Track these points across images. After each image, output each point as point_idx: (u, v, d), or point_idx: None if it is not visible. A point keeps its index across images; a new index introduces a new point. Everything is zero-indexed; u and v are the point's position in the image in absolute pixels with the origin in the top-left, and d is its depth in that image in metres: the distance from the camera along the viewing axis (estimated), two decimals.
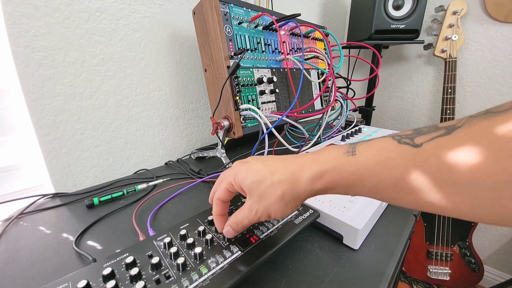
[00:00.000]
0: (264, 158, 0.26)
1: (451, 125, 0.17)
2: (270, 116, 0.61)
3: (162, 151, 0.72)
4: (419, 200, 0.18)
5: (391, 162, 0.19)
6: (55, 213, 0.44)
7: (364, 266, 0.30)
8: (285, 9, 1.01)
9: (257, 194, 0.24)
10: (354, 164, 0.21)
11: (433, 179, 0.17)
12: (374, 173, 0.20)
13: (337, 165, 0.21)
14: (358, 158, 0.21)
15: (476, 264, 1.17)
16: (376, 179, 0.20)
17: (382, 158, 0.19)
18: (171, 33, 0.67)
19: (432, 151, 0.17)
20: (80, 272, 0.23)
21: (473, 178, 0.15)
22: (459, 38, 1.11)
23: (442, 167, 0.16)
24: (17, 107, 0.49)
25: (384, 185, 0.19)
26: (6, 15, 0.42)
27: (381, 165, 0.19)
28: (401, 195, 0.19)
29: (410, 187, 0.18)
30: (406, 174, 0.18)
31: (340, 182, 0.21)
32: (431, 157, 0.17)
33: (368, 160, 0.20)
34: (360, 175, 0.20)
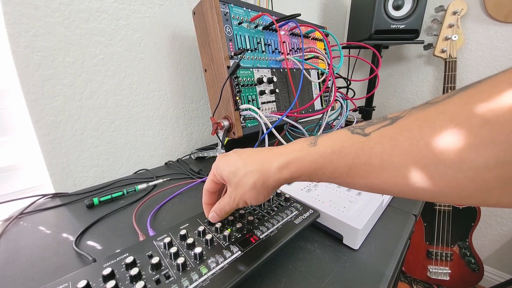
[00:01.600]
0: (241, 151, 0.29)
1: (396, 116, 0.19)
2: (270, 116, 0.61)
3: (162, 151, 0.71)
4: (369, 183, 0.20)
5: (344, 150, 0.21)
6: (55, 213, 0.44)
7: (364, 266, 0.30)
8: (285, 9, 1.01)
9: (234, 183, 0.27)
10: (314, 154, 0.23)
11: (378, 164, 0.19)
12: (331, 161, 0.22)
13: (300, 155, 0.24)
14: (318, 148, 0.23)
15: (476, 264, 1.17)
16: (333, 167, 0.22)
17: (337, 147, 0.22)
18: (171, 33, 0.67)
19: (378, 139, 0.19)
20: (80, 272, 0.23)
21: (408, 162, 0.17)
22: (459, 38, 1.11)
23: (385, 153, 0.19)
24: (17, 107, 0.49)
25: (339, 171, 0.22)
26: (6, 15, 0.42)
27: (336, 153, 0.21)
28: (354, 179, 0.21)
29: (361, 172, 0.20)
30: (357, 160, 0.20)
31: (303, 170, 0.24)
32: (377, 144, 0.19)
33: (325, 150, 0.22)
34: (319, 164, 0.23)
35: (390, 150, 0.18)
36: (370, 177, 0.20)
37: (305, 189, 0.41)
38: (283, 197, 0.37)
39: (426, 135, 0.16)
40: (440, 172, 0.16)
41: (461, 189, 0.16)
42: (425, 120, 0.17)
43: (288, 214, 0.33)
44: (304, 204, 0.36)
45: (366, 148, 0.20)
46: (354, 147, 0.20)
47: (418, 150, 0.17)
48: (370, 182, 0.20)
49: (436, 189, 0.17)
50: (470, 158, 0.14)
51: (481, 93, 0.15)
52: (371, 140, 0.20)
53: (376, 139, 0.19)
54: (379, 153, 0.19)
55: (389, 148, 0.18)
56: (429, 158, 0.16)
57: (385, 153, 0.19)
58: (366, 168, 0.20)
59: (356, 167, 0.20)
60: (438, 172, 0.16)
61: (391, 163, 0.18)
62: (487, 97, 0.14)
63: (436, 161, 0.16)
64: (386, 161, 0.19)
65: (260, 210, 0.34)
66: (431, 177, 0.17)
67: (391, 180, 0.19)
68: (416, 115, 0.18)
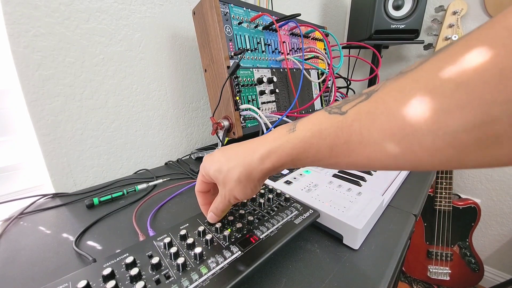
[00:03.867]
0: (225, 148, 0.29)
1: (371, 89, 0.19)
2: (270, 116, 0.61)
3: (162, 151, 0.72)
4: (353, 161, 0.20)
5: (324, 132, 0.21)
6: (55, 213, 0.44)
7: (364, 266, 0.30)
8: (285, 9, 1.01)
9: (221, 181, 0.27)
10: (294, 140, 0.23)
11: (358, 141, 0.19)
12: (312, 144, 0.22)
13: (281, 143, 0.24)
14: (297, 133, 0.23)
15: (476, 264, 1.17)
16: (315, 150, 0.22)
17: (316, 129, 0.21)
18: (171, 33, 0.67)
19: (355, 116, 0.19)
20: (80, 272, 0.23)
21: (387, 135, 0.17)
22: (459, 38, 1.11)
23: (363, 129, 0.18)
24: (17, 107, 0.49)
25: (322, 153, 0.21)
26: (6, 15, 0.42)
27: (316, 136, 0.21)
28: (337, 159, 0.21)
29: (343, 151, 0.20)
30: (337, 140, 0.20)
31: (286, 158, 0.23)
32: (355, 121, 0.19)
33: (305, 134, 0.22)
34: (301, 149, 0.22)
35: (369, 125, 0.18)
36: (352, 155, 0.20)
37: (305, 189, 0.41)
38: (283, 197, 0.37)
39: (402, 106, 0.16)
40: (419, 141, 0.16)
41: (441, 155, 0.16)
42: (399, 90, 0.17)
43: (288, 214, 0.33)
44: (304, 204, 0.36)
45: (345, 126, 0.20)
46: (333, 127, 0.20)
47: (396, 122, 0.17)
48: (354, 159, 0.20)
49: (417, 157, 0.17)
50: (447, 123, 0.14)
51: (453, 55, 0.14)
52: (348, 118, 0.19)
53: (353, 116, 0.19)
54: (358, 129, 0.19)
55: (368, 124, 0.18)
56: (407, 128, 0.16)
57: (364, 128, 0.18)
58: (348, 147, 0.20)
59: (337, 147, 0.20)
60: (417, 141, 0.16)
61: (371, 138, 0.18)
62: (459, 59, 0.14)
63: (413, 130, 0.16)
64: (366, 137, 0.18)
65: (260, 210, 0.34)
66: (410, 147, 0.16)
67: (373, 155, 0.19)
68: (390, 86, 0.18)
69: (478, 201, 1.26)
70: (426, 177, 0.55)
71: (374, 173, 0.50)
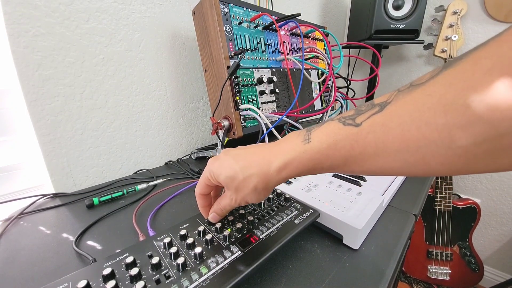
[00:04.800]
0: (234, 153, 0.29)
1: (384, 101, 0.20)
2: (270, 116, 0.61)
3: (162, 151, 0.71)
4: (366, 170, 0.22)
5: (339, 144, 0.22)
6: (55, 213, 0.44)
7: (364, 266, 0.30)
8: (285, 9, 1.01)
9: (233, 187, 0.27)
10: (310, 151, 0.24)
11: (373, 152, 0.20)
12: (327, 156, 0.23)
13: (297, 155, 0.24)
14: (313, 144, 0.24)
15: (476, 264, 1.17)
16: (330, 160, 0.23)
17: (331, 141, 0.22)
18: (171, 33, 0.67)
19: (370, 128, 0.20)
20: (80, 272, 0.23)
21: (402, 147, 0.18)
22: (459, 38, 1.11)
23: (378, 141, 0.19)
24: (17, 107, 0.49)
25: (336, 163, 0.23)
26: (6, 15, 0.42)
27: (332, 148, 0.22)
28: (351, 168, 0.22)
29: (357, 161, 0.21)
30: (352, 152, 0.21)
31: (302, 168, 0.25)
32: (370, 134, 0.20)
33: (320, 145, 0.23)
34: (317, 160, 0.23)
35: (383, 137, 0.19)
36: (366, 165, 0.21)
37: (305, 189, 0.41)
38: (283, 197, 0.37)
39: (417, 120, 0.17)
40: (433, 153, 0.17)
41: (452, 165, 0.17)
42: (413, 104, 0.18)
43: (288, 214, 0.33)
44: (304, 204, 0.36)
45: (360, 139, 0.20)
46: (348, 139, 0.21)
47: (410, 135, 0.17)
48: (367, 168, 0.21)
49: (429, 167, 0.18)
50: (459, 137, 0.15)
51: (463, 72, 0.15)
52: (363, 130, 0.20)
53: (368, 128, 0.20)
54: (373, 142, 0.20)
55: (382, 136, 0.19)
56: (421, 140, 0.17)
57: (379, 141, 0.19)
58: (362, 157, 0.21)
59: (352, 158, 0.21)
60: (430, 153, 0.17)
61: (385, 150, 0.19)
62: (469, 77, 0.15)
63: (427, 143, 0.17)
64: (380, 148, 0.19)
65: (260, 210, 0.34)
66: (423, 158, 0.18)
67: (387, 165, 0.20)
68: (403, 99, 0.19)
69: (478, 201, 1.26)
70: (426, 177, 0.55)
71: None
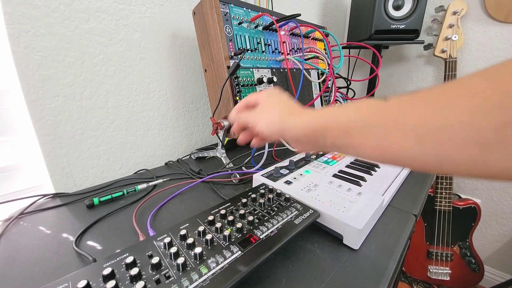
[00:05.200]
0: (284, 112, 0.30)
1: (417, 91, 0.21)
2: None
3: (162, 151, 0.71)
4: (381, 144, 0.21)
5: (360, 110, 0.23)
6: (55, 213, 0.44)
7: (364, 266, 0.30)
8: (285, 9, 1.01)
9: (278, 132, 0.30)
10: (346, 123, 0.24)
11: (392, 125, 0.20)
12: (336, 118, 0.25)
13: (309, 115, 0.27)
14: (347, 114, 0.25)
15: (476, 264, 1.17)
16: (340, 128, 0.24)
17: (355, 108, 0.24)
18: (171, 33, 0.67)
19: (396, 103, 0.21)
20: (80, 272, 0.23)
21: (421, 123, 0.19)
22: (459, 38, 1.11)
23: (399, 115, 0.20)
24: (17, 107, 0.49)
25: (350, 133, 0.23)
26: (6, 15, 0.42)
27: (346, 112, 0.24)
28: (367, 139, 0.22)
29: (375, 131, 0.21)
30: (372, 120, 0.22)
31: (309, 126, 0.27)
32: (394, 107, 0.21)
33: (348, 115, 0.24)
34: (326, 123, 0.25)
35: (406, 112, 0.20)
36: (382, 138, 0.21)
37: (305, 189, 0.41)
38: (283, 197, 0.37)
39: (443, 102, 0.18)
40: (450, 135, 0.17)
41: (467, 152, 0.17)
42: (443, 92, 0.19)
43: (288, 214, 0.33)
44: (304, 204, 0.36)
45: (383, 109, 0.21)
46: (372, 107, 0.22)
47: (433, 114, 0.18)
48: (382, 143, 0.21)
49: (443, 151, 0.18)
50: (479, 120, 0.16)
51: (496, 71, 0.18)
52: (389, 103, 0.21)
53: (394, 103, 0.21)
54: (395, 115, 0.20)
55: (405, 111, 0.20)
56: (441, 121, 0.18)
57: (400, 115, 0.20)
58: (381, 127, 0.21)
59: (370, 126, 0.22)
60: (447, 135, 0.17)
61: (404, 124, 0.20)
62: (501, 76, 0.18)
63: (447, 123, 0.17)
64: (400, 122, 0.20)
65: (260, 210, 0.34)
66: (440, 140, 0.18)
67: (402, 142, 0.20)
68: (436, 89, 0.20)
69: (478, 201, 1.26)
70: (426, 177, 0.55)
71: (374, 173, 0.50)
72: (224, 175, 0.54)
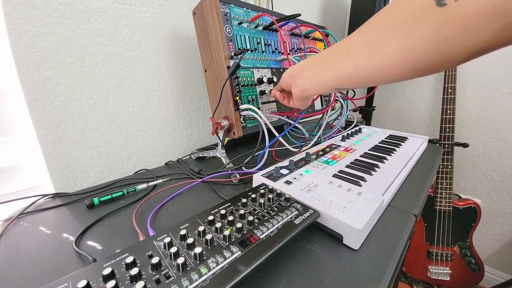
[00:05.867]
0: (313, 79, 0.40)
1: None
2: (270, 116, 0.61)
3: (162, 151, 0.72)
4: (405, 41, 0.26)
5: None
6: (55, 213, 0.44)
7: (364, 266, 0.30)
8: (285, 9, 1.01)
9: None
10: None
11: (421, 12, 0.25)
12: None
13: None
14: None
15: (476, 264, 1.17)
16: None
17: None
18: (171, 33, 0.67)
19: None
20: (80, 272, 0.23)
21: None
22: None
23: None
24: (17, 107, 0.49)
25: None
26: (6, 15, 0.42)
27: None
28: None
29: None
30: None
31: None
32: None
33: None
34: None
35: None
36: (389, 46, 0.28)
37: (305, 189, 0.41)
38: (283, 197, 0.37)
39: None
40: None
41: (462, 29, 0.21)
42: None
43: (288, 214, 0.33)
44: (304, 204, 0.36)
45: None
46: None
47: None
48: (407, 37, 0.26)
49: (446, 33, 0.22)
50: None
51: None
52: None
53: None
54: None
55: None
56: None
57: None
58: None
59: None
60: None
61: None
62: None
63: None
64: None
65: (260, 210, 0.34)
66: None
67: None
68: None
69: (479, 201, 1.26)
70: (426, 177, 0.55)
71: (374, 173, 0.50)
72: (224, 175, 0.54)
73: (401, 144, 0.69)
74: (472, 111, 1.26)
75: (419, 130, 1.46)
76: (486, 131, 1.23)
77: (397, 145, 0.68)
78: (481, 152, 1.27)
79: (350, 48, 0.32)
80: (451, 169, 1.17)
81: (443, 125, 1.17)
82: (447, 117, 1.15)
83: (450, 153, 1.18)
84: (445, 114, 1.16)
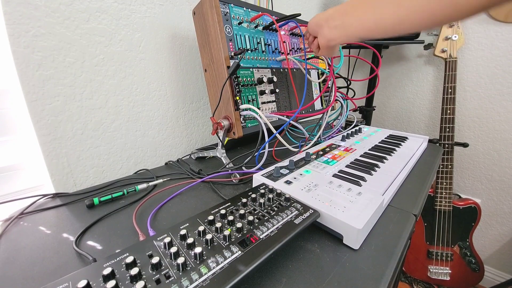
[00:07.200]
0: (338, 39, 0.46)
1: None
2: (270, 116, 0.61)
3: (162, 151, 0.72)
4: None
5: None
6: (55, 213, 0.44)
7: (364, 266, 0.30)
8: (285, 9, 1.01)
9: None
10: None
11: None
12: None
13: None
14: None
15: (476, 264, 1.17)
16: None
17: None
18: (171, 33, 0.67)
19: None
20: (80, 272, 0.23)
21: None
22: (459, 38, 1.11)
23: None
24: (17, 107, 0.49)
25: None
26: (6, 15, 0.42)
27: None
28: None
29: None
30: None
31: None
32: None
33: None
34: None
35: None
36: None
37: (305, 189, 0.41)
38: (283, 197, 0.37)
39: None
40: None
41: None
42: None
43: (288, 214, 0.33)
44: (304, 204, 0.36)
45: None
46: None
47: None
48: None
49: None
50: None
51: None
52: None
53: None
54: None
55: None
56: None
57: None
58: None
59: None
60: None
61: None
62: None
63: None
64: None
65: (260, 210, 0.34)
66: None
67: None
68: None
69: (479, 201, 1.26)
70: (426, 177, 0.55)
71: (374, 173, 0.50)
72: (224, 175, 0.54)
73: (401, 144, 0.69)
74: (472, 111, 1.26)
75: (419, 130, 1.46)
76: (486, 131, 1.23)
77: (397, 145, 0.68)
78: (481, 152, 1.27)
79: (377, 1, 0.37)
80: (451, 169, 1.17)
81: (443, 125, 1.17)
82: (447, 117, 1.15)
83: (450, 153, 1.18)
84: (445, 114, 1.16)
